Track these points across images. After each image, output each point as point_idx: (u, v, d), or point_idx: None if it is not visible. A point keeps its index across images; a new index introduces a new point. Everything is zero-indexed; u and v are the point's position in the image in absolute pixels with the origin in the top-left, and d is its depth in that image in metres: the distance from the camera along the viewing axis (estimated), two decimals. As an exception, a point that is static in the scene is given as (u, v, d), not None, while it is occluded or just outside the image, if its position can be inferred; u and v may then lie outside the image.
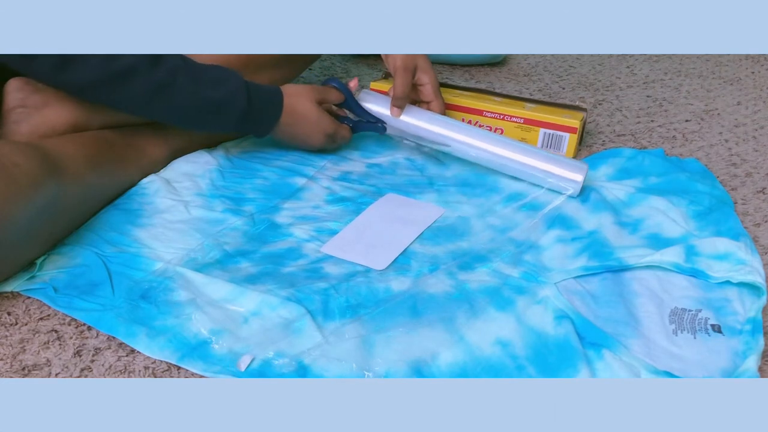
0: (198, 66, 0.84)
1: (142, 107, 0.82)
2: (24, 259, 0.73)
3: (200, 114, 0.85)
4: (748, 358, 0.65)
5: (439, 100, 0.99)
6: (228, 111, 0.86)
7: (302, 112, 0.92)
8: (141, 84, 0.79)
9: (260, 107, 0.88)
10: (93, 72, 0.77)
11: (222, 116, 0.86)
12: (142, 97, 0.80)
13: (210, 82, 0.84)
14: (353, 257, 0.79)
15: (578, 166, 0.90)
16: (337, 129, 0.97)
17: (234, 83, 0.86)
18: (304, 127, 0.94)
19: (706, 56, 1.41)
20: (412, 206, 0.89)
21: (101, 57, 0.76)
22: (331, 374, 0.64)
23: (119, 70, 0.77)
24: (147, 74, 0.79)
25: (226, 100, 0.85)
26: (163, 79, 0.80)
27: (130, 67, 0.78)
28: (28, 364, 0.66)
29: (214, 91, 0.84)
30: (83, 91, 0.79)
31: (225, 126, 0.88)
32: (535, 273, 0.76)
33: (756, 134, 1.10)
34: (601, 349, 0.66)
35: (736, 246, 0.76)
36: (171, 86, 0.81)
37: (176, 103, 0.82)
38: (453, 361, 0.66)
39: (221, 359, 0.66)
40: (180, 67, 0.82)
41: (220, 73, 0.85)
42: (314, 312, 0.70)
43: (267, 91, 0.90)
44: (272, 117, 0.91)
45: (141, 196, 0.86)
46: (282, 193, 0.90)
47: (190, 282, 0.73)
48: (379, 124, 0.98)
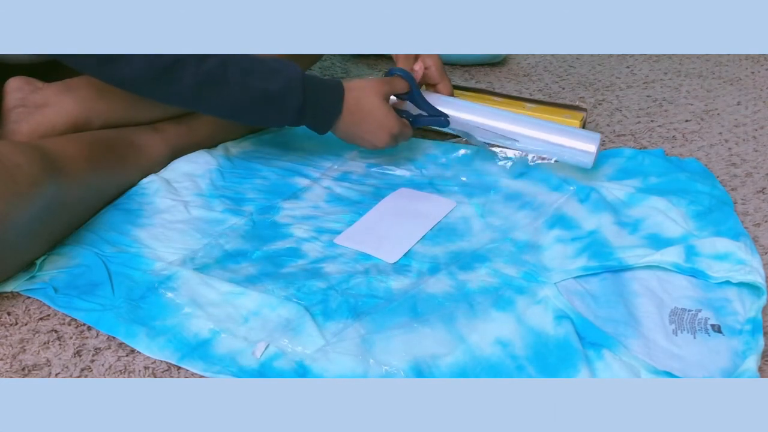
0: (251, 57, 0.81)
1: (192, 100, 0.80)
2: (24, 260, 0.73)
3: (253, 107, 0.82)
4: (748, 358, 0.65)
5: (446, 81, 0.97)
6: (282, 104, 0.82)
7: (369, 108, 0.87)
8: (190, 76, 0.77)
9: (318, 101, 0.84)
10: (140, 66, 0.75)
11: (276, 109, 0.82)
12: (191, 90, 0.78)
13: (264, 74, 0.81)
14: (365, 249, 0.80)
15: (590, 137, 0.90)
16: (402, 129, 0.91)
17: (289, 74, 0.82)
18: (368, 125, 0.88)
19: (706, 56, 1.41)
20: (424, 200, 0.90)
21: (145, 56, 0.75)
22: (331, 374, 0.64)
23: (167, 63, 0.75)
24: (196, 66, 0.77)
25: (280, 93, 0.81)
26: (212, 70, 0.77)
27: (178, 60, 0.76)
28: (28, 364, 0.66)
29: (267, 82, 0.80)
30: (132, 84, 0.77)
31: (281, 119, 0.84)
32: (535, 273, 0.76)
33: (756, 134, 1.10)
34: (601, 349, 0.66)
35: (736, 246, 0.76)
36: (221, 77, 0.78)
37: (227, 96, 0.80)
38: (453, 361, 0.66)
39: (221, 359, 0.66)
40: (231, 59, 0.79)
41: (275, 65, 0.82)
42: (314, 312, 0.70)
43: (326, 85, 0.86)
44: (332, 112, 0.86)
45: (141, 196, 0.86)
46: (282, 193, 0.90)
47: (190, 282, 0.73)
48: (441, 117, 0.93)
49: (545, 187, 0.92)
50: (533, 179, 0.94)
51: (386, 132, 0.89)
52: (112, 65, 0.75)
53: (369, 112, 0.87)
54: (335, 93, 0.86)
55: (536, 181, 0.93)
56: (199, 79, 0.77)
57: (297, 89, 0.82)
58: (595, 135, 0.90)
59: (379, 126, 0.88)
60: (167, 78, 0.76)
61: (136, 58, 0.75)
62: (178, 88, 0.77)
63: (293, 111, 0.83)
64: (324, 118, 0.86)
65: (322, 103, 0.85)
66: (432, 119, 0.94)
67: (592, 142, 0.89)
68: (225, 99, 0.80)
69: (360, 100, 0.87)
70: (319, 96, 0.84)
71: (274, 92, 0.81)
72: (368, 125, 0.88)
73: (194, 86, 0.78)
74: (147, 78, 0.76)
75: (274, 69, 0.82)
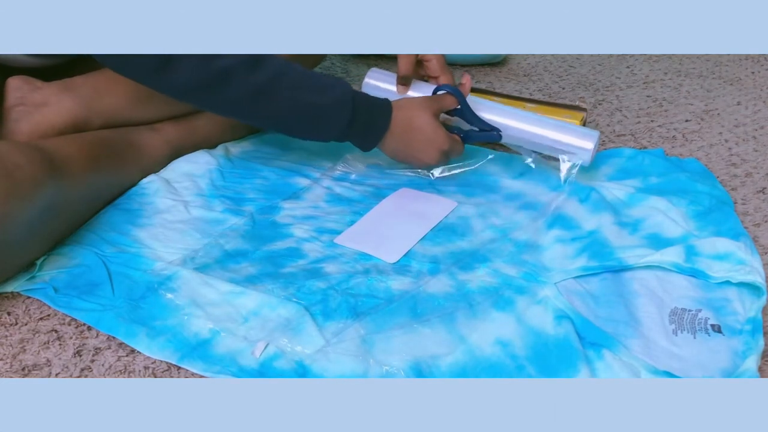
0: (303, 71, 0.82)
1: (241, 111, 0.81)
2: (25, 260, 0.73)
3: (301, 121, 0.82)
4: (748, 358, 0.65)
5: (447, 75, 0.95)
6: (331, 119, 0.83)
7: (419, 126, 0.86)
8: (239, 87, 0.77)
9: (365, 118, 0.85)
10: (191, 73, 0.75)
11: (324, 124, 0.83)
12: (240, 101, 0.79)
13: (314, 89, 0.81)
14: (366, 249, 0.80)
15: (589, 134, 0.90)
16: (453, 145, 0.89)
17: (339, 91, 0.83)
18: (418, 143, 0.87)
19: (706, 56, 1.41)
20: (425, 200, 0.90)
21: (199, 57, 0.75)
22: (331, 374, 0.64)
23: (217, 72, 0.76)
24: (245, 77, 0.77)
25: (329, 108, 0.82)
26: (262, 82, 0.78)
27: (228, 68, 0.76)
28: (28, 364, 0.66)
29: (317, 97, 0.81)
30: (183, 93, 0.78)
31: (327, 135, 0.85)
32: (535, 273, 0.76)
33: (756, 134, 1.10)
34: (601, 349, 0.66)
35: (735, 246, 0.76)
36: (271, 90, 0.78)
37: (276, 108, 0.80)
38: (453, 361, 0.66)
39: (221, 359, 0.66)
40: (282, 71, 0.79)
41: (326, 80, 0.83)
42: (314, 312, 0.70)
43: (375, 102, 0.86)
44: (378, 129, 0.86)
45: (141, 196, 0.86)
46: (282, 193, 0.90)
47: (189, 282, 0.73)
48: (493, 132, 0.91)
49: (545, 187, 0.92)
50: (533, 179, 0.94)
51: (437, 149, 0.88)
52: (162, 74, 0.75)
53: (419, 129, 0.86)
54: (383, 110, 0.86)
55: (536, 181, 0.93)
56: (249, 90, 0.78)
57: (346, 105, 0.82)
58: (593, 132, 0.90)
59: (429, 143, 0.87)
60: (216, 87, 0.77)
61: (183, 65, 0.75)
62: (227, 97, 0.78)
63: (341, 127, 0.83)
64: (370, 135, 0.86)
65: (369, 119, 0.85)
66: (484, 134, 0.92)
67: (590, 139, 0.89)
68: (273, 111, 0.80)
69: (409, 118, 0.86)
70: (367, 113, 0.84)
71: (323, 107, 0.81)
72: (418, 143, 0.87)
73: (243, 97, 0.78)
74: (196, 86, 0.76)
75: (325, 84, 0.82)
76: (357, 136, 0.86)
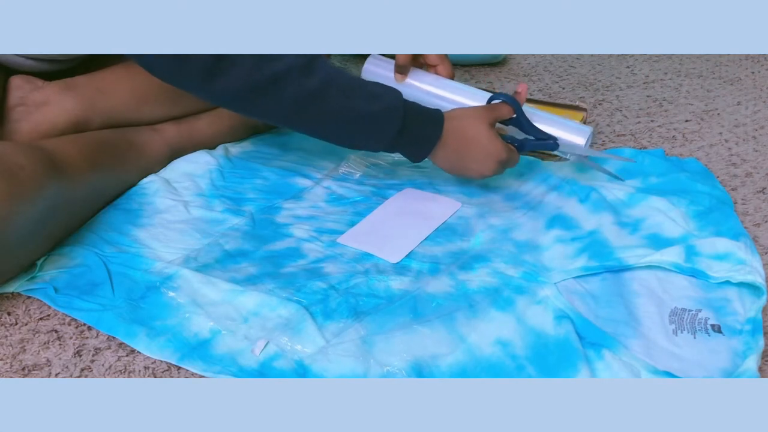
0: (352, 77, 0.80)
1: (291, 117, 0.78)
2: (26, 260, 0.73)
3: (350, 128, 0.80)
4: (748, 358, 0.65)
5: (446, 64, 0.94)
6: (381, 127, 0.80)
7: (473, 136, 0.83)
8: (291, 92, 0.75)
9: (417, 128, 0.82)
10: (243, 78, 0.73)
11: (374, 133, 0.81)
12: (291, 106, 0.76)
13: (365, 96, 0.79)
14: (368, 248, 0.80)
15: (581, 129, 0.90)
16: (510, 155, 0.86)
17: (390, 99, 0.81)
18: (474, 153, 0.84)
19: (706, 56, 1.41)
20: (429, 200, 0.90)
21: (253, 58, 0.73)
22: (331, 374, 0.64)
23: (270, 76, 0.74)
24: (298, 82, 0.75)
25: (380, 116, 0.80)
26: (314, 87, 0.76)
27: (281, 73, 0.74)
28: (28, 364, 0.66)
29: (367, 104, 0.79)
30: (234, 99, 0.76)
31: (377, 144, 0.83)
32: (535, 273, 0.76)
33: (756, 134, 1.10)
34: (601, 349, 0.66)
35: (736, 246, 0.76)
36: (323, 96, 0.77)
37: (326, 114, 0.78)
38: (453, 361, 0.66)
39: (221, 359, 0.66)
40: (334, 77, 0.78)
41: (376, 88, 0.81)
42: (314, 312, 0.70)
43: (426, 111, 0.83)
44: (430, 140, 0.83)
45: (141, 196, 0.86)
46: (282, 193, 0.90)
47: (190, 282, 0.73)
48: (549, 141, 0.89)
49: (545, 187, 0.92)
50: (533, 179, 0.94)
51: (493, 160, 0.84)
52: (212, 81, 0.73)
53: (473, 139, 0.84)
54: (435, 120, 0.83)
55: (536, 181, 0.93)
56: (299, 97, 0.76)
57: (397, 114, 0.80)
58: (586, 128, 0.91)
59: (485, 154, 0.84)
60: (267, 93, 0.75)
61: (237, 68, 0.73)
62: (276, 105, 0.76)
63: (390, 136, 0.81)
64: (421, 146, 0.84)
65: (420, 129, 0.83)
66: (540, 143, 0.90)
67: (582, 134, 0.89)
68: (323, 117, 0.78)
69: (463, 128, 0.84)
70: (417, 122, 0.82)
71: (373, 115, 0.79)
72: (473, 154, 0.84)
73: (294, 103, 0.76)
74: (249, 90, 0.74)
75: (375, 92, 0.80)
76: (407, 145, 0.83)
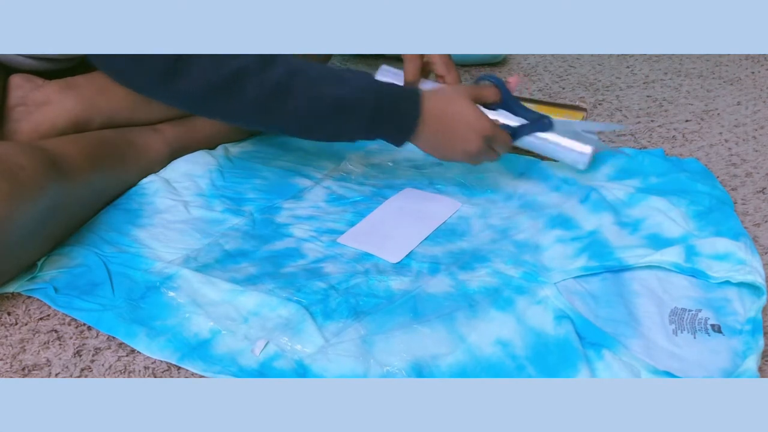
0: (319, 66, 0.77)
1: (258, 115, 0.75)
2: (26, 260, 0.73)
3: (323, 117, 0.76)
4: (748, 358, 0.65)
5: (453, 74, 0.90)
6: (354, 111, 0.76)
7: (455, 111, 0.79)
8: (254, 87, 0.72)
9: (392, 105, 0.77)
10: (204, 77, 0.71)
11: (347, 118, 0.76)
12: (257, 103, 0.73)
13: (333, 80, 0.75)
14: (368, 248, 0.80)
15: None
16: (497, 132, 0.81)
17: (361, 80, 0.77)
18: (457, 129, 0.79)
19: (706, 56, 1.41)
20: (430, 200, 0.90)
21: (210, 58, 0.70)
22: (331, 374, 0.64)
23: (230, 73, 0.71)
24: (260, 76, 0.72)
25: (350, 99, 0.75)
26: (277, 80, 0.72)
27: (242, 69, 0.71)
28: (28, 364, 0.66)
29: (336, 89, 0.74)
30: (196, 100, 0.73)
31: (353, 130, 0.78)
32: (535, 273, 0.76)
33: (756, 134, 1.10)
34: (601, 349, 0.66)
35: (736, 246, 0.76)
36: (287, 87, 0.73)
37: (295, 106, 0.74)
38: (453, 361, 0.66)
39: (221, 359, 0.66)
40: (297, 67, 0.74)
41: (345, 73, 0.77)
42: (314, 312, 0.70)
43: (401, 90, 0.79)
44: (408, 118, 0.78)
45: (141, 196, 0.86)
46: (282, 193, 0.90)
47: (190, 282, 0.73)
48: (544, 120, 0.85)
49: (545, 187, 0.92)
50: (533, 179, 0.94)
51: (478, 134, 0.80)
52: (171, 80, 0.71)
53: (456, 115, 0.79)
54: (411, 97, 0.79)
55: (536, 181, 0.93)
56: (263, 92, 0.72)
57: (368, 95, 0.76)
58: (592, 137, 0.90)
59: (469, 128, 0.79)
60: (228, 92, 0.72)
61: (194, 68, 0.70)
62: (241, 102, 0.73)
63: (366, 119, 0.77)
64: (401, 126, 0.79)
65: (396, 108, 0.78)
66: (533, 125, 0.86)
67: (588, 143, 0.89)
68: (292, 111, 0.74)
69: (444, 104, 0.79)
70: (392, 101, 0.78)
71: (344, 99, 0.75)
72: (457, 130, 0.79)
73: (259, 99, 0.73)
74: (206, 93, 0.72)
75: (343, 77, 0.77)
76: (385, 126, 0.78)
